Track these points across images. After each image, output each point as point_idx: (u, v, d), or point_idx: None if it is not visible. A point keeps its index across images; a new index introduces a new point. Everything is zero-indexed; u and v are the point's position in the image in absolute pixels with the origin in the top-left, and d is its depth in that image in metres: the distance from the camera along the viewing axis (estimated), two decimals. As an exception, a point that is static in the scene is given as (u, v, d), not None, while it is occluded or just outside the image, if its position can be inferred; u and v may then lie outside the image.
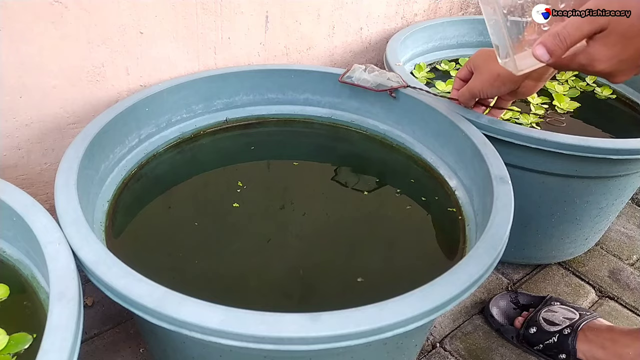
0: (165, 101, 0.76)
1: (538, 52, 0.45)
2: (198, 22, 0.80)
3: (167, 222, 0.67)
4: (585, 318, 0.77)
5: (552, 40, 0.44)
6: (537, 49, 0.45)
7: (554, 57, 0.45)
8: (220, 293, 0.58)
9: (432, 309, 0.46)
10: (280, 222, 0.68)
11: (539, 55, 0.45)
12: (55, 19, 0.66)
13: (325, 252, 0.64)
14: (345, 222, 0.69)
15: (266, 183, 0.74)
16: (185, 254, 0.62)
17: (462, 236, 0.66)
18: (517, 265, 0.96)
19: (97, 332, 0.78)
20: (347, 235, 0.66)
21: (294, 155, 0.80)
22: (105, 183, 0.68)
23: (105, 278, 0.46)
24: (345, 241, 0.65)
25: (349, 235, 0.66)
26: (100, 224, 0.62)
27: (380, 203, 0.72)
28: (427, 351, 0.80)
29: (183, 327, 0.44)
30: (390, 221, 0.69)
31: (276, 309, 0.44)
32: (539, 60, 0.46)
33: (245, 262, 0.62)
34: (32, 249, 0.52)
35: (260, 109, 0.87)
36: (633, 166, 0.79)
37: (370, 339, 0.44)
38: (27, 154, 0.73)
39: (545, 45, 0.45)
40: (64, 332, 0.41)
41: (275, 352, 0.44)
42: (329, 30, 0.97)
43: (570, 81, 1.08)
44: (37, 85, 0.69)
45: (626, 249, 1.03)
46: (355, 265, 0.62)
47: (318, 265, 0.62)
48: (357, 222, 0.69)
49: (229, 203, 0.70)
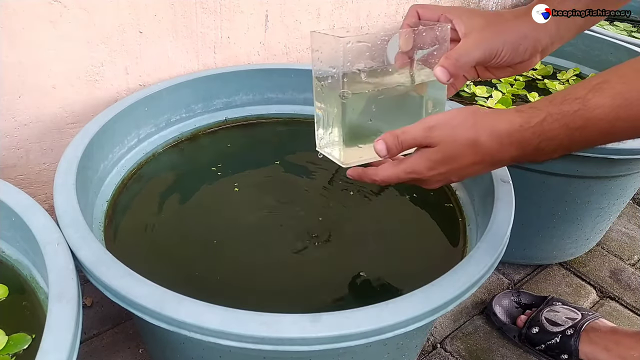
0: (165, 101, 0.76)
1: (379, 146, 0.50)
2: (197, 22, 0.79)
3: (166, 222, 0.66)
4: (587, 318, 0.77)
5: (391, 138, 0.49)
6: (379, 144, 0.50)
7: (389, 152, 0.50)
8: (221, 293, 0.57)
9: (433, 310, 0.45)
10: (280, 222, 0.67)
11: (378, 148, 0.50)
12: (54, 18, 0.66)
13: (325, 252, 0.64)
14: (345, 222, 0.68)
15: (266, 183, 0.74)
16: (185, 254, 0.62)
17: (462, 236, 0.66)
18: (518, 266, 0.96)
19: (96, 332, 0.78)
20: (347, 235, 0.66)
21: (294, 156, 0.80)
22: (104, 183, 0.67)
23: (104, 278, 0.46)
24: (345, 241, 0.65)
25: (348, 235, 0.66)
26: (100, 224, 0.62)
27: (381, 203, 0.72)
28: (428, 352, 0.79)
29: (182, 327, 0.43)
30: (390, 222, 0.69)
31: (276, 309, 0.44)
32: (377, 151, 0.50)
33: (245, 262, 0.61)
34: (31, 249, 0.52)
35: (260, 108, 0.86)
36: (634, 166, 0.79)
37: (371, 340, 0.44)
38: (26, 153, 0.73)
39: (385, 141, 0.49)
40: (63, 332, 0.41)
41: (275, 352, 0.44)
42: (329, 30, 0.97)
43: (571, 81, 1.08)
44: (36, 84, 0.69)
45: (627, 249, 1.03)
46: (356, 265, 0.61)
47: (317, 265, 0.62)
48: (357, 222, 0.68)
49: (228, 203, 0.69)
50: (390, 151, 0.50)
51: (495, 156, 0.45)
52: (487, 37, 0.54)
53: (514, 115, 0.44)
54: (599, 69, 1.08)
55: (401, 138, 0.49)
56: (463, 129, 0.46)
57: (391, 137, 0.49)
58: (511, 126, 0.44)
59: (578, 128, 0.41)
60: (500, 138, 0.44)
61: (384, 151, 0.50)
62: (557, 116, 0.42)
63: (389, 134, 0.49)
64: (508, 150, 0.45)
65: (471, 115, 0.46)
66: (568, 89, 0.43)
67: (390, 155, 0.50)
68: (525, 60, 0.57)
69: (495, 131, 0.44)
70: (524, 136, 0.43)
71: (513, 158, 0.45)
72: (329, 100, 0.55)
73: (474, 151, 0.46)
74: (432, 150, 0.47)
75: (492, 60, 0.55)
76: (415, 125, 0.48)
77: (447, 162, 0.47)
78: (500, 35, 0.55)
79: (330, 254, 0.63)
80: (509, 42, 0.55)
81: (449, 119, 0.47)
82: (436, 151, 0.47)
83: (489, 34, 0.54)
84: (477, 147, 0.45)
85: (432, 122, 0.47)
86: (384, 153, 0.50)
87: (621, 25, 1.41)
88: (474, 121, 0.45)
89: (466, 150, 0.46)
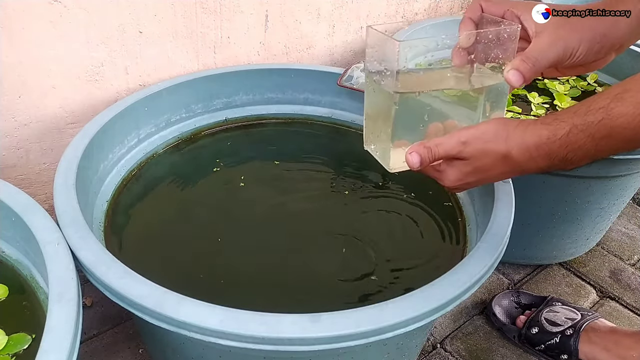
0: (165, 101, 0.76)
1: (413, 159, 0.50)
2: (197, 22, 0.79)
3: (167, 222, 0.66)
4: (587, 318, 0.77)
5: (425, 152, 0.50)
6: (412, 156, 0.50)
7: (421, 165, 0.51)
8: (221, 293, 0.57)
9: (433, 310, 0.45)
10: (281, 222, 0.67)
11: (412, 162, 0.51)
12: (54, 18, 0.66)
13: (324, 251, 0.64)
14: (344, 221, 0.68)
15: (266, 183, 0.74)
16: (185, 254, 0.62)
17: (462, 236, 0.66)
18: (518, 266, 0.96)
19: (96, 332, 0.77)
20: (347, 235, 0.66)
21: (294, 155, 0.80)
22: (104, 183, 0.67)
23: (104, 278, 0.46)
24: (344, 240, 0.65)
25: (348, 235, 0.66)
26: (100, 224, 0.62)
27: (381, 203, 0.72)
28: (428, 352, 0.79)
29: (182, 327, 0.44)
30: (390, 221, 0.69)
31: (276, 308, 0.44)
32: (409, 164, 0.51)
33: (245, 262, 0.61)
34: (31, 249, 0.52)
35: (260, 108, 0.86)
36: (634, 166, 0.79)
37: (371, 340, 0.44)
38: (26, 153, 0.73)
39: (419, 153, 0.50)
40: (63, 332, 0.41)
41: (275, 352, 0.44)
42: (329, 30, 0.97)
43: (571, 80, 1.08)
44: (36, 84, 0.69)
45: (627, 249, 1.03)
46: (355, 265, 0.61)
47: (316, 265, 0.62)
48: (357, 222, 0.68)
49: (228, 203, 0.70)
50: (423, 164, 0.50)
51: (524, 167, 0.47)
52: (563, 36, 0.52)
53: (541, 128, 0.45)
54: (600, 70, 1.08)
55: (434, 151, 0.49)
56: (495, 143, 0.47)
57: (424, 150, 0.50)
58: (539, 139, 0.45)
59: (603, 137, 0.43)
60: (529, 151, 0.46)
61: (416, 164, 0.50)
62: (582, 127, 0.43)
63: (421, 146, 0.50)
64: (536, 162, 0.46)
65: (503, 130, 0.47)
66: (590, 99, 0.44)
67: (421, 167, 0.51)
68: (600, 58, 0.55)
69: (524, 144, 0.46)
70: (552, 148, 0.45)
71: (541, 168, 0.47)
72: (380, 99, 0.54)
73: (504, 163, 0.48)
74: (462, 162, 0.49)
75: (566, 60, 0.52)
76: (449, 139, 0.49)
77: (477, 173, 0.49)
78: (576, 33, 0.52)
79: (330, 254, 0.63)
80: (586, 40, 0.52)
81: (481, 133, 0.48)
82: (467, 164, 0.49)
83: (564, 32, 0.52)
84: (508, 159, 0.47)
85: (465, 137, 0.48)
86: (416, 166, 0.51)
87: (621, 25, 1.41)
88: (505, 135, 0.47)
89: (497, 162, 0.48)
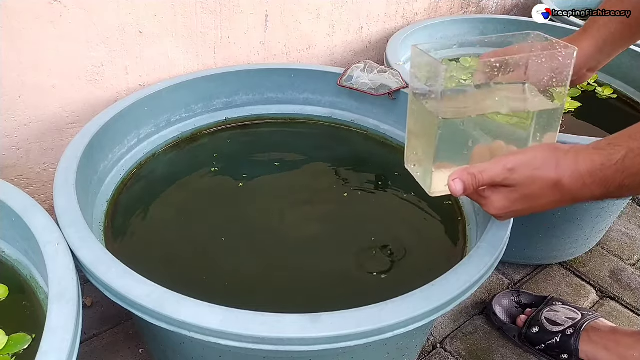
0: (165, 101, 0.76)
1: (456, 186, 0.49)
2: (197, 21, 0.79)
3: (167, 222, 0.66)
4: (587, 318, 0.77)
5: (469, 178, 0.48)
6: (456, 183, 0.49)
7: (465, 193, 0.49)
8: (221, 293, 0.57)
9: (433, 310, 0.45)
10: (281, 222, 0.67)
11: (455, 189, 0.49)
12: (54, 18, 0.66)
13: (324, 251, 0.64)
14: (345, 222, 0.68)
15: (266, 183, 0.74)
16: (185, 254, 0.62)
17: (462, 236, 0.66)
18: (518, 266, 0.96)
19: (96, 332, 0.77)
20: (347, 235, 0.66)
21: (294, 156, 0.80)
22: (104, 183, 0.67)
23: (105, 278, 0.46)
24: (345, 241, 0.65)
25: (348, 235, 0.66)
26: (100, 224, 0.62)
27: (381, 203, 0.72)
28: (428, 352, 0.79)
29: (182, 327, 0.43)
30: (390, 221, 0.69)
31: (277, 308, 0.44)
32: (452, 191, 0.49)
33: (245, 262, 0.61)
34: (31, 249, 0.52)
35: (260, 108, 0.86)
36: (634, 166, 0.79)
37: (371, 340, 0.44)
38: (26, 153, 0.73)
39: (462, 180, 0.48)
40: (63, 332, 0.41)
41: (275, 352, 0.44)
42: (329, 30, 0.97)
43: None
44: (36, 84, 0.69)
45: (627, 249, 1.03)
46: (355, 265, 0.61)
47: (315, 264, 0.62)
48: (357, 222, 0.68)
49: (228, 203, 0.69)
50: (467, 191, 0.49)
51: (576, 195, 0.45)
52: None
53: (594, 154, 0.43)
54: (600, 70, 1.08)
55: (478, 178, 0.48)
56: (544, 170, 0.45)
57: (468, 176, 0.48)
58: (593, 165, 0.43)
59: None
60: (582, 178, 0.44)
61: (459, 192, 0.49)
62: (638, 151, 0.41)
63: (465, 172, 0.48)
64: (590, 190, 0.44)
65: (553, 156, 0.45)
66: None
67: (465, 194, 0.49)
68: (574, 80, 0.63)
69: (577, 171, 0.44)
70: (606, 175, 0.43)
71: (595, 196, 0.45)
72: (423, 120, 0.52)
73: (555, 191, 0.45)
74: (509, 190, 0.47)
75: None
76: (495, 165, 0.47)
77: (524, 201, 0.47)
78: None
79: (330, 254, 0.63)
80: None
81: (529, 160, 0.46)
82: (513, 191, 0.47)
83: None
84: (559, 187, 0.45)
85: (512, 164, 0.46)
86: (459, 194, 0.49)
87: (621, 25, 1.41)
88: (556, 162, 0.45)
89: (547, 191, 0.45)
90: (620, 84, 1.05)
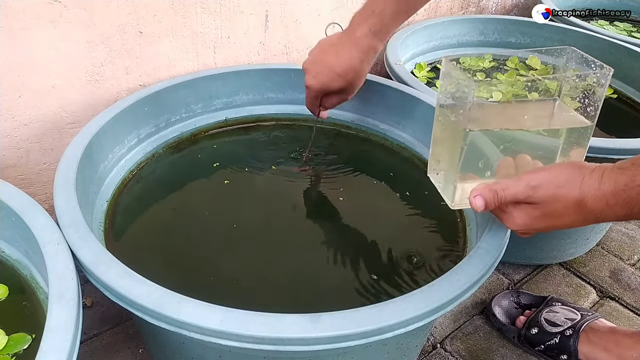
0: (165, 101, 0.76)
1: (477, 202, 0.49)
2: (197, 21, 0.79)
3: (167, 222, 0.66)
4: (587, 319, 0.77)
5: (491, 195, 0.48)
6: (477, 200, 0.49)
7: (486, 209, 0.49)
8: (221, 293, 0.57)
9: (433, 310, 0.45)
10: (281, 222, 0.67)
11: (476, 205, 0.49)
12: (54, 18, 0.66)
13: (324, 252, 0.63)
14: (345, 222, 0.68)
15: (266, 183, 0.74)
16: (185, 254, 0.62)
17: (462, 236, 0.66)
18: (518, 266, 0.96)
19: (96, 332, 0.77)
20: (347, 235, 0.66)
21: (294, 156, 0.80)
22: (104, 183, 0.67)
23: (105, 278, 0.46)
24: (345, 241, 0.65)
25: (349, 235, 0.66)
26: (100, 224, 0.62)
27: (381, 203, 0.72)
28: (428, 352, 0.79)
29: (182, 327, 0.43)
30: (390, 221, 0.69)
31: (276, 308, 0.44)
32: (474, 207, 0.49)
33: (245, 262, 0.61)
34: (31, 249, 0.52)
35: (260, 108, 0.86)
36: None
37: (371, 340, 0.44)
38: (26, 153, 0.73)
39: (484, 197, 0.48)
40: (63, 332, 0.41)
41: (275, 352, 0.44)
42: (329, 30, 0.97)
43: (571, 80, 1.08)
44: (36, 84, 0.69)
45: (627, 249, 1.03)
46: (354, 265, 0.61)
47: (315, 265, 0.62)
48: (358, 222, 0.68)
49: (228, 203, 0.69)
50: (488, 207, 0.49)
51: (599, 216, 0.45)
52: None
53: (618, 174, 0.43)
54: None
55: (500, 195, 0.47)
56: (568, 189, 0.45)
57: (490, 193, 0.48)
58: (616, 186, 0.43)
59: None
60: (605, 198, 0.43)
61: (481, 208, 0.49)
62: None
63: (487, 189, 0.48)
64: (614, 210, 0.44)
65: (578, 175, 0.45)
66: None
67: (486, 210, 0.49)
68: None
69: (600, 191, 0.43)
70: (630, 195, 0.42)
71: (619, 217, 0.44)
72: (449, 133, 0.52)
73: (578, 211, 0.45)
74: (531, 207, 0.47)
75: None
76: (517, 183, 0.47)
77: (546, 219, 0.47)
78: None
79: (330, 254, 0.63)
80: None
81: (553, 177, 0.45)
82: (535, 208, 0.47)
83: None
84: (582, 207, 0.44)
85: (536, 181, 0.46)
86: (480, 210, 0.49)
87: (621, 25, 1.41)
88: (580, 181, 0.44)
89: (569, 209, 0.45)
90: (620, 84, 1.05)
